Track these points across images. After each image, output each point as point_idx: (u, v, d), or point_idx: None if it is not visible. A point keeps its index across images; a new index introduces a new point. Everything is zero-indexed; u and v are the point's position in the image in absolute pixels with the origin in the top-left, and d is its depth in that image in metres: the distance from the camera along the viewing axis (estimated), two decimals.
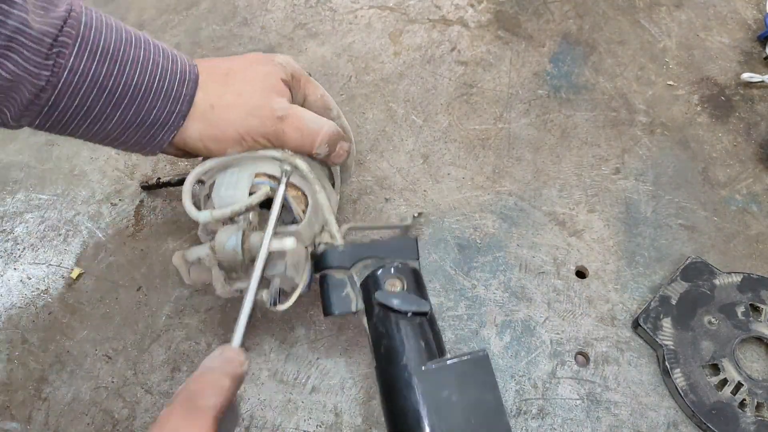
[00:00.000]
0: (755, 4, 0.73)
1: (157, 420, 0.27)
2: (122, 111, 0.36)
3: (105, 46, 0.34)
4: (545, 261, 0.53)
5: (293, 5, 0.74)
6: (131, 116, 0.37)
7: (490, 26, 0.71)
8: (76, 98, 0.34)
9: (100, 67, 0.34)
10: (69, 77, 0.34)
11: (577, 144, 0.61)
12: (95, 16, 0.35)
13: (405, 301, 0.37)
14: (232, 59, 0.43)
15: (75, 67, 0.33)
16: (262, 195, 0.40)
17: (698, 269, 0.51)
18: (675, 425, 0.45)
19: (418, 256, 0.42)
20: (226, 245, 0.38)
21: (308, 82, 0.44)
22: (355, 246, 0.41)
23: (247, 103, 0.39)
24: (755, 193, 0.58)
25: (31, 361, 0.47)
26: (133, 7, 0.74)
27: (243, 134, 0.40)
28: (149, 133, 0.38)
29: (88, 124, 0.36)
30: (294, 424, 0.44)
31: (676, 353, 0.47)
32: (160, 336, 0.49)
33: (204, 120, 0.39)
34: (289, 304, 0.41)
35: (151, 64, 0.36)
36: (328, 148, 0.42)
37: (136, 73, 0.36)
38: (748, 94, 0.65)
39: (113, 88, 0.35)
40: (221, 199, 0.40)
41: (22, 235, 0.54)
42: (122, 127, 0.37)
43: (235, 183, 0.40)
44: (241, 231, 0.39)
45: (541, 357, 0.48)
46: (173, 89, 0.37)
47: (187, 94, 0.38)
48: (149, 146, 0.40)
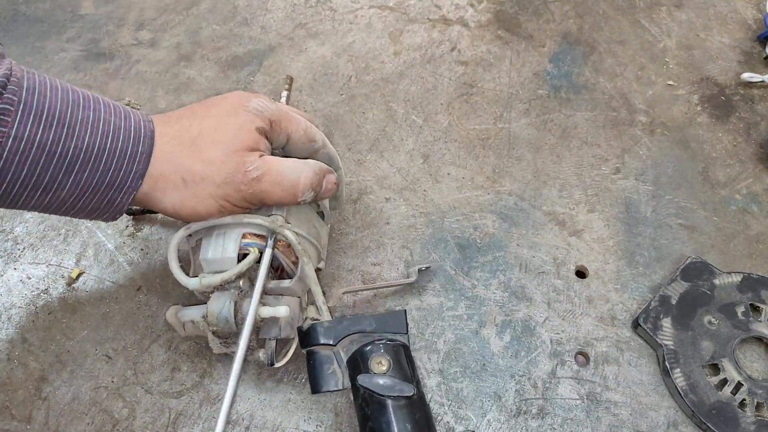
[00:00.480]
0: (755, 4, 0.73)
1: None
2: (75, 176, 0.34)
3: (50, 109, 0.33)
4: (545, 261, 0.53)
5: (293, 5, 0.73)
6: (85, 181, 0.34)
7: (490, 26, 0.71)
8: (24, 167, 0.32)
9: (46, 133, 0.32)
10: (14, 146, 0.32)
11: (577, 144, 0.61)
12: (37, 79, 0.33)
13: (389, 385, 0.37)
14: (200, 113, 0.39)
15: (20, 135, 0.31)
16: (252, 261, 0.39)
17: (698, 269, 0.51)
18: (675, 425, 0.45)
19: (407, 330, 0.41)
20: (218, 316, 0.39)
21: (288, 120, 0.41)
22: (341, 321, 0.40)
23: (220, 172, 0.37)
24: (755, 192, 0.58)
25: (31, 361, 0.47)
26: (133, 7, 0.74)
27: (221, 203, 0.38)
28: (106, 197, 0.36)
29: (39, 194, 0.34)
30: (294, 424, 0.44)
31: (676, 353, 0.47)
32: (160, 336, 0.49)
33: (178, 193, 0.37)
34: (286, 360, 0.42)
35: (102, 123, 0.35)
36: (313, 192, 0.40)
37: (86, 134, 0.34)
38: (748, 94, 0.65)
39: (63, 154, 0.33)
40: (209, 263, 0.40)
41: (22, 235, 0.54)
42: (77, 193, 0.35)
43: (223, 246, 0.39)
44: (233, 301, 0.39)
45: (541, 357, 0.48)
46: (128, 148, 0.35)
47: (143, 151, 0.36)
48: (108, 211, 0.37)
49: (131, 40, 0.70)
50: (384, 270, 0.52)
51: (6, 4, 0.74)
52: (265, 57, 0.68)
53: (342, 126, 0.62)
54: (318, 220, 0.46)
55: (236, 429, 0.44)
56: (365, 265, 0.52)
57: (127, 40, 0.70)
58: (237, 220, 0.40)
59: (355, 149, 0.60)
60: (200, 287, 0.39)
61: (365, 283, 0.51)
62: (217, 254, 0.39)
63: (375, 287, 0.49)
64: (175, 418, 0.45)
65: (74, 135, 0.33)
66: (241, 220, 0.40)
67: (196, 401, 0.45)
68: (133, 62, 0.68)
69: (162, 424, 0.44)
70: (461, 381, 0.46)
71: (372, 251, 0.53)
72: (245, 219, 0.40)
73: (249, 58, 0.68)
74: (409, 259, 0.53)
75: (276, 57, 0.68)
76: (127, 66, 0.67)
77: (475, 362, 0.47)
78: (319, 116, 0.63)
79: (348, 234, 0.54)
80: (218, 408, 0.45)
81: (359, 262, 0.52)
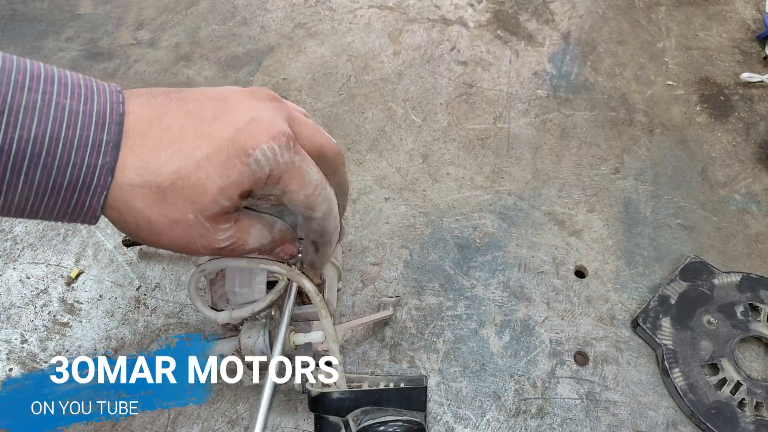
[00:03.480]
0: (755, 4, 0.73)
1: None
2: (25, 176, 0.28)
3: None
4: (544, 261, 0.53)
5: (293, 5, 0.73)
6: (39, 181, 0.28)
7: (489, 26, 0.71)
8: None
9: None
10: None
11: (577, 144, 0.61)
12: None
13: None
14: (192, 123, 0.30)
15: None
16: (281, 289, 0.38)
17: (697, 269, 0.51)
18: (674, 425, 0.45)
19: (426, 407, 0.38)
20: (254, 348, 0.38)
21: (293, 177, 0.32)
22: (355, 394, 0.38)
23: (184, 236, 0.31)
24: (754, 192, 0.58)
25: (31, 361, 0.47)
26: (132, 7, 0.74)
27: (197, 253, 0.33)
28: (72, 199, 0.29)
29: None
30: (294, 424, 0.44)
31: (675, 353, 0.47)
32: (159, 335, 0.49)
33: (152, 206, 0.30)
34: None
35: (54, 108, 0.28)
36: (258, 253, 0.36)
37: (32, 123, 0.27)
38: (747, 94, 0.65)
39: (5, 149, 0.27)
40: (236, 296, 0.39)
41: (21, 235, 0.54)
42: (33, 195, 0.28)
43: (250, 278, 0.39)
44: (267, 331, 0.38)
45: (541, 356, 0.48)
46: (88, 137, 0.28)
47: (109, 140, 0.29)
48: (81, 215, 0.30)
49: (130, 39, 0.70)
50: (383, 270, 0.52)
51: (4, 4, 0.74)
52: (264, 57, 0.68)
53: (341, 126, 0.62)
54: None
55: (236, 429, 0.44)
56: (364, 265, 0.52)
57: (125, 39, 0.70)
58: (252, 264, 0.37)
59: (355, 149, 0.60)
60: (231, 320, 0.39)
61: (363, 283, 0.51)
62: (244, 286, 0.39)
63: (353, 325, 0.46)
64: (175, 418, 0.45)
65: (17, 124, 0.27)
66: (257, 266, 0.37)
67: None
68: (131, 62, 0.68)
69: (162, 423, 0.44)
70: (460, 381, 0.46)
71: (371, 251, 0.53)
72: (261, 265, 0.37)
73: (248, 58, 0.68)
74: (408, 259, 0.53)
75: (275, 57, 0.68)
76: (125, 66, 0.67)
77: (474, 362, 0.47)
78: (319, 116, 0.63)
79: (347, 234, 0.54)
80: (218, 408, 0.45)
81: (358, 261, 0.52)
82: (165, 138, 0.29)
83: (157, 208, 0.30)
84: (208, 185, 0.29)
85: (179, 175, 0.29)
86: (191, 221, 0.30)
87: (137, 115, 0.30)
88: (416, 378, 0.44)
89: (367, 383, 0.42)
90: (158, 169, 0.29)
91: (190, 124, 0.30)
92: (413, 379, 0.44)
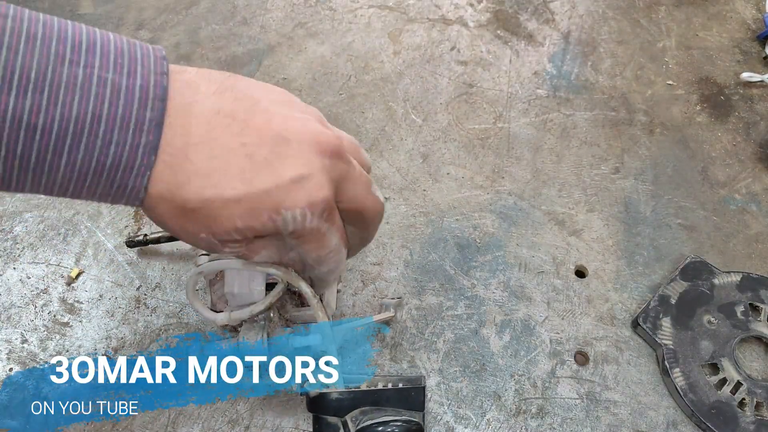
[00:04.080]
0: (755, 4, 0.73)
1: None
2: (68, 156, 0.26)
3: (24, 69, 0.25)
4: (545, 260, 0.53)
5: (293, 4, 0.73)
6: (82, 161, 0.27)
7: (489, 26, 0.71)
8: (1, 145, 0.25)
9: (20, 101, 0.25)
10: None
11: (577, 143, 0.61)
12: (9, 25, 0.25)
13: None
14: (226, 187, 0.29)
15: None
16: (280, 291, 0.39)
17: (697, 269, 0.51)
18: (674, 425, 0.45)
19: (424, 407, 0.38)
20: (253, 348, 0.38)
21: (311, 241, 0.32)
22: (354, 394, 0.38)
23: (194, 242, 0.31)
24: (754, 192, 0.58)
25: (31, 361, 0.47)
26: (132, 7, 0.74)
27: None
28: (115, 180, 0.28)
29: (32, 175, 0.27)
30: (294, 424, 0.44)
31: (675, 353, 0.47)
32: (159, 335, 0.48)
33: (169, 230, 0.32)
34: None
35: (95, 84, 0.26)
36: None
37: (73, 100, 0.26)
38: (747, 94, 0.65)
39: (46, 128, 0.25)
40: (235, 297, 0.39)
41: (21, 235, 0.54)
42: (75, 176, 0.27)
43: (249, 280, 0.39)
44: (266, 333, 0.38)
45: (541, 356, 0.48)
46: (131, 114, 0.27)
47: (152, 118, 0.27)
48: (124, 197, 0.29)
49: None
50: (383, 270, 0.52)
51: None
52: (264, 57, 0.68)
53: (341, 126, 0.62)
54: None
55: (236, 429, 0.44)
56: (365, 265, 0.52)
57: None
58: (250, 267, 0.37)
59: None
60: (230, 322, 0.39)
61: (364, 282, 0.51)
62: (243, 288, 0.39)
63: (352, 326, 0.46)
64: (175, 418, 0.45)
65: (57, 102, 0.25)
66: (253, 268, 0.37)
67: None
68: None
69: (161, 423, 0.44)
70: (461, 380, 0.46)
71: (371, 251, 0.53)
72: (258, 267, 0.37)
73: (248, 58, 0.68)
74: (408, 259, 0.53)
75: (275, 57, 0.68)
76: None
77: (474, 362, 0.47)
78: None
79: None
80: (218, 408, 0.45)
81: (359, 261, 0.52)
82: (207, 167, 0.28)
83: (176, 219, 0.29)
84: (226, 222, 0.29)
85: (205, 205, 0.29)
86: (203, 238, 0.30)
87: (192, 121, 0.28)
88: (415, 378, 0.44)
89: (366, 383, 0.42)
90: (189, 193, 0.29)
91: (237, 161, 0.29)
92: (412, 379, 0.44)
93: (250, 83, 0.32)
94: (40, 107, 0.25)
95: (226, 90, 0.30)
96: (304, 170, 0.29)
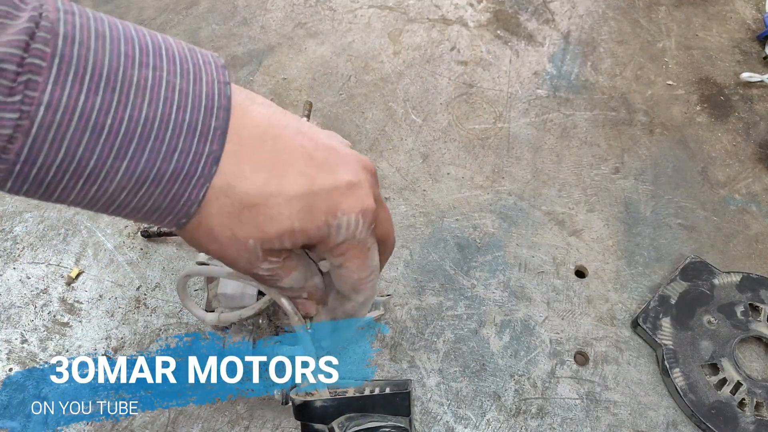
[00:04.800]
0: (755, 4, 0.73)
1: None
2: (130, 161, 0.25)
3: (96, 66, 0.24)
4: (544, 260, 0.53)
5: (292, 4, 0.73)
6: (144, 168, 0.25)
7: (489, 26, 0.71)
8: (62, 146, 0.24)
9: (91, 99, 0.23)
10: (47, 116, 0.23)
11: (577, 144, 0.61)
12: (78, 22, 0.24)
13: None
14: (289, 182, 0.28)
15: (55, 101, 0.23)
16: (270, 300, 0.39)
17: (697, 269, 0.51)
18: (674, 425, 0.45)
19: (410, 412, 0.38)
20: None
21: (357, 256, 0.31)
22: (339, 401, 0.38)
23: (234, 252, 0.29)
24: (754, 192, 0.58)
25: (31, 361, 0.47)
26: (132, 7, 0.74)
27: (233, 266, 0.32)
28: (171, 192, 0.26)
29: (83, 184, 0.25)
30: (293, 424, 0.44)
31: (675, 353, 0.47)
32: (159, 335, 0.48)
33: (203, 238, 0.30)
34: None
35: (164, 87, 0.25)
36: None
37: (143, 102, 0.25)
38: (747, 94, 0.65)
39: (114, 128, 0.24)
40: (228, 299, 0.39)
41: (22, 235, 0.54)
42: (131, 185, 0.26)
43: (243, 284, 0.39)
44: (251, 340, 0.39)
45: (541, 356, 0.48)
46: (197, 121, 0.26)
47: (217, 126, 0.26)
48: (172, 213, 0.27)
49: None
50: (383, 270, 0.52)
51: None
52: (264, 57, 0.68)
53: (341, 126, 0.62)
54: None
55: (236, 429, 0.44)
56: None
57: None
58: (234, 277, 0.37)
59: (355, 149, 0.60)
60: (219, 323, 0.39)
61: None
62: (236, 290, 0.39)
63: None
64: (175, 418, 0.45)
65: (128, 103, 0.24)
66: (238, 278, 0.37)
67: None
68: None
69: (161, 423, 0.44)
70: (460, 380, 0.46)
71: None
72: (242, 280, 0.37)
73: (248, 58, 0.68)
74: (408, 259, 0.52)
75: (275, 57, 0.68)
76: None
77: (474, 362, 0.47)
78: (319, 116, 0.63)
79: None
80: (218, 407, 0.45)
81: None
82: (271, 161, 0.28)
83: (227, 220, 0.28)
84: (283, 222, 0.28)
85: (265, 201, 0.28)
86: (249, 246, 0.28)
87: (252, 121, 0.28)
88: (401, 383, 0.44)
89: (352, 389, 0.42)
90: (251, 186, 0.28)
91: (300, 158, 0.28)
92: (398, 384, 0.44)
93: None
94: (110, 107, 0.24)
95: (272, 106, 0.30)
96: (356, 178, 0.30)
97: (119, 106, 0.24)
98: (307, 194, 0.28)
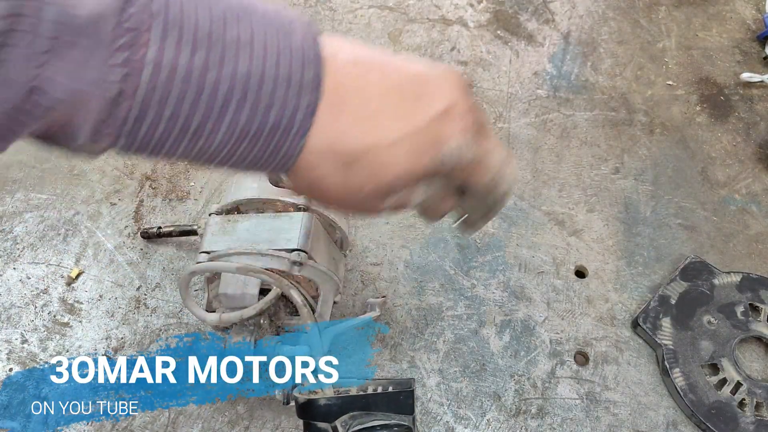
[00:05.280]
0: (755, 4, 0.73)
1: None
2: (232, 116, 0.26)
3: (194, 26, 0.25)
4: (544, 261, 0.53)
5: (293, 5, 0.73)
6: (245, 122, 0.27)
7: (489, 26, 0.71)
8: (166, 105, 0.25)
9: (192, 58, 0.24)
10: (153, 77, 0.24)
11: (577, 144, 0.61)
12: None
13: None
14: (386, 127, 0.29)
15: (158, 61, 0.24)
16: (273, 299, 0.39)
17: (697, 269, 0.51)
18: (674, 425, 0.45)
19: (414, 411, 0.38)
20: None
21: (475, 172, 0.32)
22: (342, 399, 0.38)
23: (353, 200, 0.31)
24: (754, 192, 0.58)
25: (31, 361, 0.47)
26: None
27: (355, 211, 0.32)
28: (271, 143, 0.28)
29: (188, 140, 0.26)
30: (293, 424, 0.44)
31: (675, 353, 0.47)
32: (159, 335, 0.48)
33: (317, 192, 0.31)
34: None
35: (257, 43, 0.26)
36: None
37: (239, 59, 0.26)
38: (747, 94, 0.65)
39: (215, 86, 0.25)
40: (228, 299, 0.39)
41: (22, 235, 0.54)
42: (233, 140, 0.27)
43: (243, 283, 0.39)
44: (253, 340, 0.39)
45: (541, 356, 0.48)
46: (291, 75, 0.27)
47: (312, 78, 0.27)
48: (272, 162, 0.28)
49: None
50: (383, 270, 0.52)
51: None
52: None
53: None
54: (336, 251, 0.45)
55: (236, 429, 0.44)
56: (364, 265, 0.52)
57: None
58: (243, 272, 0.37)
59: None
60: (220, 323, 0.39)
61: (364, 283, 0.51)
62: (237, 290, 0.39)
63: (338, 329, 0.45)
64: (175, 418, 0.45)
65: (225, 60, 0.25)
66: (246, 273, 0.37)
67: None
68: None
69: (162, 423, 0.44)
70: (461, 381, 0.46)
71: (371, 251, 0.53)
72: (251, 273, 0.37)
73: None
74: (408, 259, 0.53)
75: None
76: None
77: (474, 362, 0.47)
78: None
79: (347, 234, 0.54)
80: (218, 408, 0.45)
81: (359, 262, 0.52)
82: (364, 111, 0.29)
83: (339, 176, 0.29)
84: (393, 167, 0.29)
85: (371, 151, 0.29)
86: (367, 192, 0.29)
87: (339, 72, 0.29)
88: (404, 381, 0.44)
89: (355, 388, 0.42)
90: (351, 141, 0.28)
91: (391, 101, 0.29)
92: (401, 383, 0.44)
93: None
94: (209, 65, 0.25)
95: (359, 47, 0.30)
96: (449, 101, 0.30)
97: (218, 64, 0.25)
98: (407, 136, 0.29)
